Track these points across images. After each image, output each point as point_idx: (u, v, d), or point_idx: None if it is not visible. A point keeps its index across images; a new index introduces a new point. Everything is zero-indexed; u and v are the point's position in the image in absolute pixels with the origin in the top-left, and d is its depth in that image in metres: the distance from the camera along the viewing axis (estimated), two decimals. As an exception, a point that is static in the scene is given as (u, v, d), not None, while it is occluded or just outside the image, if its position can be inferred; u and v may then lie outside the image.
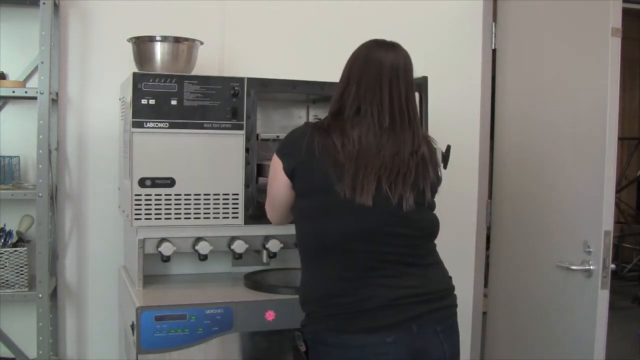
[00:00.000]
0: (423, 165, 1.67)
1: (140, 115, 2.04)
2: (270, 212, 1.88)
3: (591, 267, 2.21)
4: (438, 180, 1.75)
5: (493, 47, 3.02)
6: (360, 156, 1.60)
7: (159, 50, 2.18)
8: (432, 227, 1.73)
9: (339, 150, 1.60)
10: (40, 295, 2.28)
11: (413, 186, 1.64)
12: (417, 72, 2.65)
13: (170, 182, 2.07)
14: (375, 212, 1.60)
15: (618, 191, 6.36)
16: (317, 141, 1.63)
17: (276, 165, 1.72)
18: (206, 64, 2.50)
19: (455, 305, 1.74)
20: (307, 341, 1.68)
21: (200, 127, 2.09)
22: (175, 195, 2.08)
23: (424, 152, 1.68)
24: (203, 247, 2.13)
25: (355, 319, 1.60)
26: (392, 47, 1.73)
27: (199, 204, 2.11)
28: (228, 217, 2.14)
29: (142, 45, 2.20)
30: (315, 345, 1.66)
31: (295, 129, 1.76)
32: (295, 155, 1.67)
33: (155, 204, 2.07)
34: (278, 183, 1.74)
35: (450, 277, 1.77)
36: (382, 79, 1.66)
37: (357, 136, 1.62)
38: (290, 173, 1.69)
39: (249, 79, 2.14)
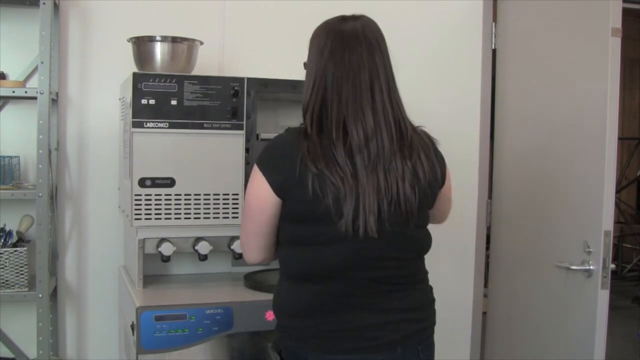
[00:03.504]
0: (418, 175, 1.51)
1: (140, 115, 2.04)
2: (252, 248, 1.62)
3: (591, 267, 2.21)
4: (436, 186, 1.58)
5: (493, 47, 3.02)
6: (359, 185, 1.44)
7: (159, 50, 2.18)
8: (427, 246, 1.62)
9: (336, 180, 1.43)
10: (40, 295, 2.28)
11: (410, 209, 1.50)
12: (417, 73, 2.65)
13: (170, 182, 2.07)
14: (373, 240, 1.46)
15: (618, 191, 6.36)
16: (309, 166, 1.45)
17: (260, 183, 1.51)
18: (206, 64, 2.50)
19: (435, 322, 1.67)
20: (281, 353, 1.58)
21: (200, 127, 2.09)
22: (175, 195, 2.08)
23: (419, 157, 1.53)
24: (203, 247, 2.13)
25: (339, 339, 1.51)
26: (358, 41, 1.52)
27: (199, 204, 2.11)
28: (228, 217, 2.14)
29: (142, 45, 2.20)
30: None
31: (279, 141, 1.55)
32: (284, 173, 1.48)
33: (155, 204, 2.07)
34: (262, 203, 1.52)
35: (431, 289, 1.68)
36: (362, 86, 1.49)
37: (351, 164, 1.45)
38: (279, 191, 1.49)
39: (249, 79, 2.14)
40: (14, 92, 2.31)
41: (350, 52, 1.50)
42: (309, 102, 1.52)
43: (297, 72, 2.27)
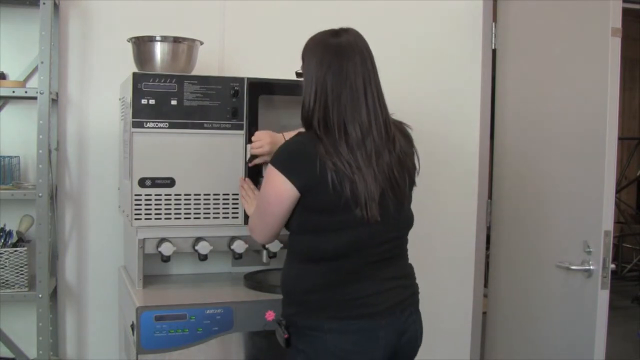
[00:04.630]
0: (405, 162, 1.76)
1: (140, 115, 2.04)
2: (265, 234, 1.84)
3: (591, 267, 2.21)
4: (414, 169, 1.82)
5: (493, 47, 3.02)
6: (363, 175, 1.67)
7: (159, 50, 2.18)
8: (412, 224, 1.85)
9: (349, 172, 1.65)
10: (40, 295, 2.28)
11: (403, 192, 1.76)
12: (417, 72, 2.63)
13: (170, 182, 2.07)
14: (381, 223, 1.70)
15: (618, 191, 6.36)
16: (327, 164, 1.65)
17: (280, 184, 1.69)
18: (206, 64, 2.50)
19: (419, 291, 1.89)
20: (289, 328, 1.77)
21: (200, 127, 2.09)
22: (175, 195, 2.08)
23: (401, 146, 1.76)
24: (203, 247, 2.13)
25: (349, 307, 1.71)
26: (352, 52, 1.72)
27: (199, 204, 2.11)
28: (228, 217, 2.14)
29: (142, 45, 2.20)
30: (306, 332, 1.73)
31: (296, 144, 1.73)
32: (306, 174, 1.67)
33: (155, 204, 2.07)
34: (282, 200, 1.71)
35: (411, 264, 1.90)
36: (358, 91, 1.69)
37: (354, 158, 1.67)
38: (302, 190, 1.68)
39: (249, 79, 2.14)
40: (14, 92, 2.31)
41: (347, 62, 1.70)
42: (313, 109, 1.71)
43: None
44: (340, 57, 1.70)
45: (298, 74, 1.84)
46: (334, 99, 1.68)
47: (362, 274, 1.73)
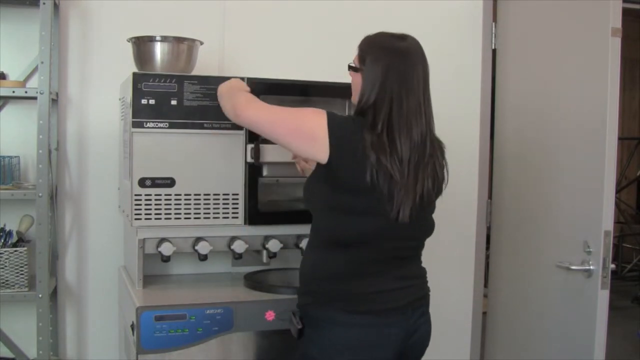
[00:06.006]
0: (440, 173, 1.80)
1: (140, 115, 2.04)
2: (254, 124, 1.84)
3: (591, 267, 2.21)
4: (444, 181, 1.85)
5: (493, 47, 3.02)
6: (407, 179, 1.70)
7: (159, 50, 2.18)
8: (433, 229, 1.89)
9: (395, 172, 1.67)
10: (40, 295, 2.28)
11: (430, 199, 1.80)
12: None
13: (170, 182, 2.07)
14: (409, 223, 1.72)
15: (618, 191, 6.36)
16: (371, 155, 1.66)
17: (323, 143, 1.68)
18: (206, 64, 2.50)
19: (429, 292, 1.92)
20: (302, 318, 1.80)
21: (200, 127, 2.09)
22: (175, 195, 2.08)
23: (438, 157, 1.81)
24: (203, 247, 2.13)
25: (364, 301, 1.73)
26: (416, 58, 1.76)
27: (199, 204, 2.11)
28: (228, 217, 2.14)
29: (142, 45, 2.20)
30: (320, 323, 1.75)
31: (353, 122, 1.73)
32: (348, 153, 1.68)
33: (155, 204, 2.06)
34: (309, 153, 1.73)
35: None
36: (419, 99, 1.73)
37: (407, 161, 1.70)
38: (331, 164, 1.68)
39: (249, 79, 2.14)
40: (14, 92, 2.31)
41: (411, 69, 1.74)
42: (373, 105, 1.71)
43: (297, 73, 2.29)
44: (405, 63, 1.73)
45: (351, 68, 1.81)
46: (398, 105, 1.70)
47: (378, 269, 1.75)
